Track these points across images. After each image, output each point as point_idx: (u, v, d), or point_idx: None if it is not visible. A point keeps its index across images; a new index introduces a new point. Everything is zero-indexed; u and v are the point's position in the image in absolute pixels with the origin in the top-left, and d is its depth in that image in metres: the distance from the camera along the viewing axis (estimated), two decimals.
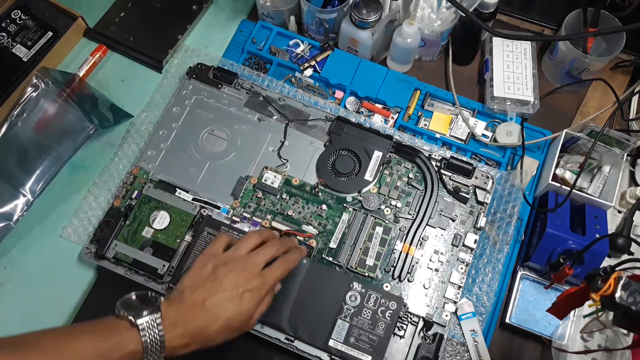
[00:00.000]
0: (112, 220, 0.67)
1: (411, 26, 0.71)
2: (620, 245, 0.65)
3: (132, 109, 0.76)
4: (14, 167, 0.68)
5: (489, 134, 0.74)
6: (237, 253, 0.56)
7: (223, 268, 0.53)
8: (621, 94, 0.76)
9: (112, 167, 0.72)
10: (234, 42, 0.81)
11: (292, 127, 0.72)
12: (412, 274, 0.65)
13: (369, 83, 0.76)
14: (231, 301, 0.51)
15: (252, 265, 0.54)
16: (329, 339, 0.60)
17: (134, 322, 0.47)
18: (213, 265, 0.54)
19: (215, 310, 0.51)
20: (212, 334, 0.51)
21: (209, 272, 0.53)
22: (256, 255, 0.55)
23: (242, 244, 0.56)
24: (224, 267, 0.54)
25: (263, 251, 0.56)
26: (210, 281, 0.52)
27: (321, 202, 0.68)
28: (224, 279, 0.52)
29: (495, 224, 0.69)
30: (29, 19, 0.78)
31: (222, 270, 0.53)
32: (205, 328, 0.50)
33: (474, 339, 0.63)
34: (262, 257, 0.55)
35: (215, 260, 0.55)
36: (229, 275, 0.53)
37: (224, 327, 0.51)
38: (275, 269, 0.55)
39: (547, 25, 0.83)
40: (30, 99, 0.70)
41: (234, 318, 0.51)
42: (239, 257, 0.55)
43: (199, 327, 0.50)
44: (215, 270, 0.53)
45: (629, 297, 0.42)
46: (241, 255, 0.55)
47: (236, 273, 0.53)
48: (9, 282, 0.68)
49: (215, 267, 0.54)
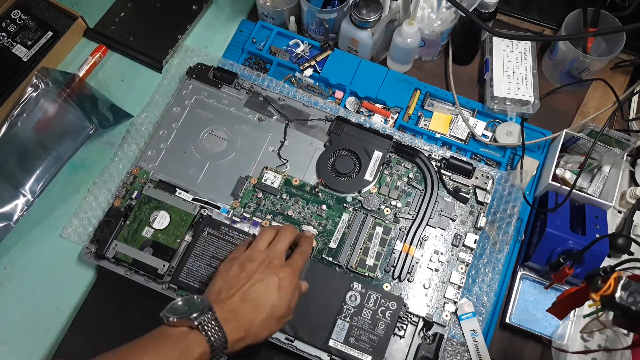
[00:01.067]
0: (112, 220, 0.67)
1: (411, 26, 0.71)
2: (620, 245, 0.65)
3: (132, 109, 0.76)
4: (14, 167, 0.68)
5: (489, 134, 0.74)
6: (257, 248, 0.57)
7: (250, 264, 0.55)
8: (621, 94, 0.76)
9: (112, 167, 0.72)
10: (234, 42, 0.81)
11: (292, 127, 0.72)
12: (412, 274, 0.65)
13: (369, 83, 0.76)
14: (271, 289, 0.53)
15: (276, 255, 0.56)
16: (329, 339, 0.60)
17: (194, 324, 0.47)
18: (239, 264, 0.55)
19: (259, 300, 0.52)
20: (262, 323, 0.51)
21: (238, 271, 0.54)
22: (276, 247, 0.57)
23: (259, 241, 0.58)
24: (251, 263, 0.55)
25: (280, 241, 0.58)
26: (244, 278, 0.54)
27: (321, 202, 0.68)
28: (255, 272, 0.54)
29: (495, 224, 0.69)
30: (29, 19, 0.78)
31: (251, 266, 0.55)
32: (254, 318, 0.51)
33: (474, 339, 0.63)
34: (282, 246, 0.58)
35: (239, 261, 0.56)
36: (260, 268, 0.54)
37: (271, 315, 0.52)
38: (297, 258, 0.58)
39: (547, 25, 0.83)
40: (30, 99, 0.70)
41: (278, 305, 0.53)
42: (260, 252, 0.57)
43: (249, 319, 0.51)
44: (243, 268, 0.55)
45: (629, 297, 0.42)
46: (262, 250, 0.57)
47: (265, 265, 0.55)
48: (9, 282, 0.68)
49: (242, 265, 0.55)
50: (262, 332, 0.52)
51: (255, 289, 0.52)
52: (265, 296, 0.52)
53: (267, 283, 0.53)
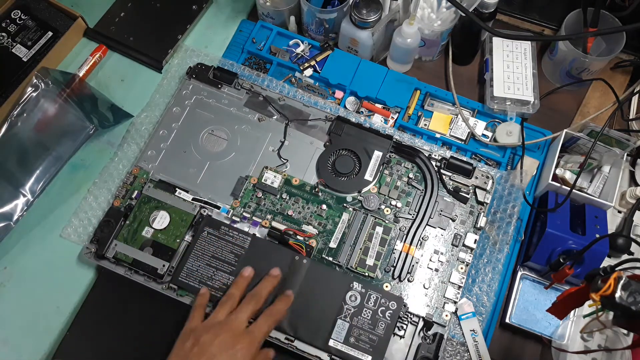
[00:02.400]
0: (112, 220, 0.67)
1: (411, 26, 0.71)
2: (620, 245, 0.65)
3: (132, 109, 0.76)
4: (14, 167, 0.68)
5: (489, 134, 0.74)
6: (216, 319, 0.54)
7: (205, 337, 0.52)
8: (621, 94, 0.76)
9: (112, 167, 0.72)
10: (234, 42, 0.81)
11: (292, 127, 0.72)
12: (412, 274, 0.65)
13: (369, 83, 0.76)
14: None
15: (234, 325, 0.53)
16: (329, 339, 0.60)
17: None
18: (194, 338, 0.52)
19: None
20: None
21: (191, 345, 0.51)
22: (235, 315, 0.54)
23: (218, 311, 0.55)
24: (206, 335, 0.52)
25: (242, 309, 0.54)
26: (196, 354, 0.50)
27: (321, 202, 0.68)
28: (209, 346, 0.51)
29: (495, 224, 0.69)
30: (29, 19, 0.78)
31: (205, 339, 0.51)
32: None
33: (474, 339, 0.63)
34: (242, 315, 0.54)
35: (195, 333, 0.53)
36: (214, 341, 0.51)
37: None
38: (260, 323, 0.54)
39: (547, 25, 0.83)
40: (30, 99, 0.70)
41: None
42: (218, 322, 0.53)
43: None
44: (197, 341, 0.51)
45: (629, 297, 0.42)
46: (220, 320, 0.54)
47: (221, 338, 0.51)
48: (9, 282, 0.68)
49: (197, 338, 0.52)
50: None
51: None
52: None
53: (220, 358, 0.50)
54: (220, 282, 0.63)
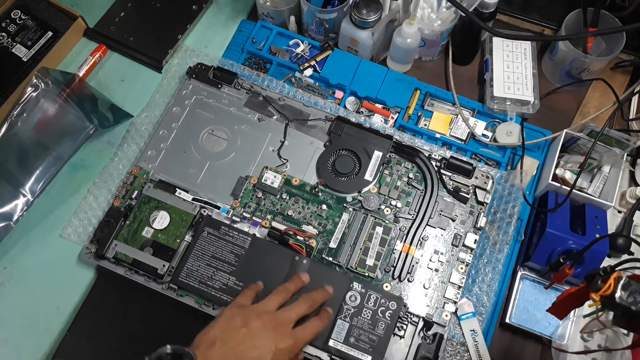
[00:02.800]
0: (112, 220, 0.67)
1: (411, 26, 0.71)
2: (620, 245, 0.65)
3: (132, 109, 0.76)
4: (14, 167, 0.68)
5: (489, 134, 0.74)
6: (267, 307, 0.55)
7: (255, 322, 0.52)
8: (621, 94, 0.76)
9: (112, 167, 0.72)
10: (234, 42, 0.81)
11: (292, 127, 0.72)
12: (412, 274, 0.65)
13: (369, 83, 0.76)
14: (265, 351, 0.50)
15: (284, 322, 0.53)
16: (329, 339, 0.60)
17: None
18: (243, 317, 0.53)
19: None
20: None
21: (240, 324, 0.52)
22: (287, 312, 0.54)
23: (272, 298, 0.56)
24: (256, 320, 0.52)
25: (295, 308, 0.55)
26: (243, 335, 0.51)
27: (321, 202, 0.68)
28: (256, 333, 0.51)
29: (495, 224, 0.69)
30: (29, 19, 0.78)
31: (254, 324, 0.52)
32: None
33: (474, 339, 0.63)
34: (293, 314, 0.55)
35: (245, 313, 0.53)
36: (262, 330, 0.52)
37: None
38: (307, 329, 0.55)
39: (547, 25, 0.83)
40: (30, 99, 0.70)
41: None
42: (269, 312, 0.54)
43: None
44: (246, 323, 0.52)
45: (629, 297, 0.42)
46: (271, 311, 0.54)
47: (269, 329, 0.52)
48: (9, 282, 0.68)
49: (246, 319, 0.52)
50: None
51: (249, 354, 0.50)
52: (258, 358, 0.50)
53: (263, 351, 0.50)
54: (220, 282, 0.62)
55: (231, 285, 0.62)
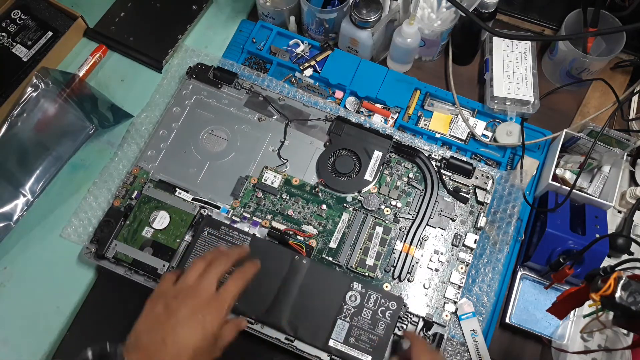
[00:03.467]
0: (112, 220, 0.67)
1: (411, 26, 0.71)
2: (620, 245, 0.65)
3: (132, 109, 0.76)
4: (14, 167, 0.68)
5: (489, 134, 0.74)
6: (185, 283, 0.53)
7: (174, 302, 0.51)
8: (621, 94, 0.76)
9: (112, 167, 0.72)
10: (234, 42, 0.81)
11: (292, 127, 0.72)
12: (412, 274, 0.65)
13: (369, 83, 0.76)
14: (192, 329, 0.49)
15: (203, 289, 0.52)
16: (329, 339, 0.60)
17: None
18: (164, 302, 0.52)
19: (178, 345, 0.48)
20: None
21: (161, 310, 0.51)
22: (204, 279, 0.53)
23: (188, 273, 0.54)
24: (175, 300, 0.51)
25: (211, 272, 0.53)
26: (164, 318, 0.50)
27: (321, 202, 0.68)
28: (177, 311, 0.50)
29: (495, 224, 0.69)
30: (29, 19, 0.78)
31: (174, 304, 0.51)
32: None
33: (474, 339, 0.63)
34: (211, 277, 0.53)
35: (165, 297, 0.52)
36: (182, 306, 0.50)
37: (192, 357, 0.48)
38: (229, 285, 0.53)
39: (547, 25, 0.83)
40: (30, 99, 0.70)
41: (200, 345, 0.49)
42: (188, 287, 0.53)
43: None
44: (167, 306, 0.51)
45: (629, 297, 0.42)
46: (190, 284, 0.53)
47: (189, 302, 0.51)
48: (9, 282, 0.68)
49: (167, 303, 0.51)
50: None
51: (177, 333, 0.48)
52: (187, 339, 0.48)
53: (190, 324, 0.49)
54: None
55: None
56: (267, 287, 0.62)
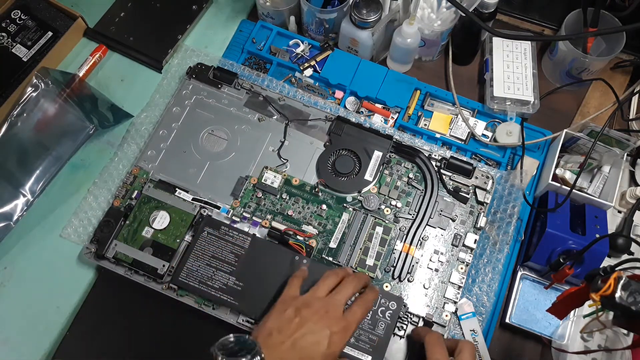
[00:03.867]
0: (112, 220, 0.67)
1: (411, 26, 0.71)
2: (620, 245, 0.65)
3: (132, 109, 0.76)
4: (14, 167, 0.68)
5: (489, 134, 0.74)
6: (317, 294, 0.56)
7: (306, 310, 0.54)
8: (621, 94, 0.76)
9: (112, 167, 0.72)
10: (234, 42, 0.81)
11: (292, 127, 0.72)
12: (412, 274, 0.65)
13: (369, 83, 0.76)
14: (320, 343, 0.52)
15: (334, 307, 0.55)
16: None
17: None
18: (295, 308, 0.54)
19: (306, 352, 0.51)
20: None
21: (293, 314, 0.54)
22: (336, 296, 0.56)
23: (321, 286, 0.57)
24: (307, 309, 0.54)
25: (342, 291, 0.56)
26: (296, 324, 0.53)
27: (321, 202, 0.68)
28: (309, 321, 0.53)
29: (495, 224, 0.69)
30: (29, 19, 0.78)
31: (306, 312, 0.53)
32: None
33: (474, 339, 0.63)
34: (342, 297, 0.56)
35: (296, 304, 0.55)
36: (314, 317, 0.53)
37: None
38: (356, 310, 0.56)
39: (547, 25, 0.83)
40: (30, 99, 0.70)
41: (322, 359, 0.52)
42: (319, 299, 0.55)
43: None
44: (299, 312, 0.54)
45: (629, 297, 0.42)
46: (321, 297, 0.56)
47: (321, 315, 0.53)
48: (9, 282, 0.68)
49: (298, 309, 0.54)
50: None
51: (305, 341, 0.51)
52: (314, 350, 0.51)
53: (319, 336, 0.52)
54: (220, 282, 0.62)
55: (231, 285, 0.62)
56: (267, 287, 0.62)
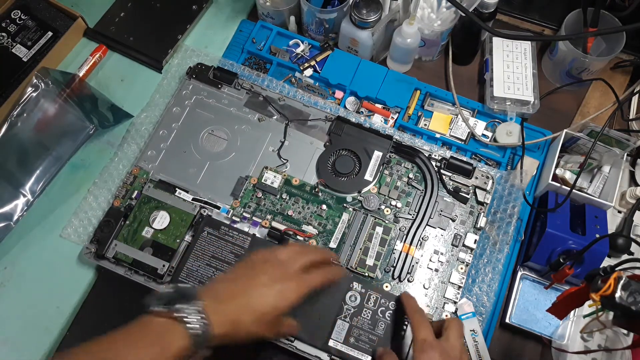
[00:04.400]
0: (112, 220, 0.67)
1: (411, 26, 0.71)
2: (620, 245, 0.65)
3: (132, 109, 0.76)
4: (14, 167, 0.68)
5: (489, 134, 0.74)
6: (277, 256, 0.56)
7: (263, 265, 0.54)
8: (621, 94, 0.76)
9: (112, 167, 0.72)
10: (234, 42, 0.81)
11: (292, 127, 0.72)
12: (412, 274, 0.65)
13: (369, 83, 0.76)
14: (267, 295, 0.51)
15: (291, 267, 0.54)
16: (329, 339, 0.60)
17: (178, 316, 0.46)
18: (252, 262, 0.55)
19: (251, 301, 0.51)
20: (248, 324, 0.50)
21: (249, 269, 0.54)
22: (295, 258, 0.55)
23: (284, 250, 0.57)
24: (264, 264, 0.54)
25: (303, 256, 0.56)
26: (248, 276, 0.53)
27: (321, 202, 0.68)
28: (261, 273, 0.53)
29: (495, 224, 0.69)
30: (29, 19, 0.78)
31: (262, 267, 0.54)
32: (242, 317, 0.50)
33: (474, 339, 0.63)
34: (301, 259, 0.55)
35: (254, 259, 0.55)
36: (267, 270, 0.53)
37: (258, 319, 0.50)
38: (315, 275, 0.55)
39: (547, 25, 0.83)
40: (30, 99, 0.70)
41: (268, 312, 0.51)
42: (278, 259, 0.55)
43: (236, 316, 0.50)
44: (254, 267, 0.54)
45: (629, 297, 0.42)
46: (281, 258, 0.56)
47: (275, 271, 0.53)
48: (9, 282, 0.68)
49: (255, 264, 0.54)
50: (247, 333, 0.50)
51: (252, 290, 0.51)
52: (260, 300, 0.51)
53: (268, 289, 0.51)
54: None
55: None
56: None
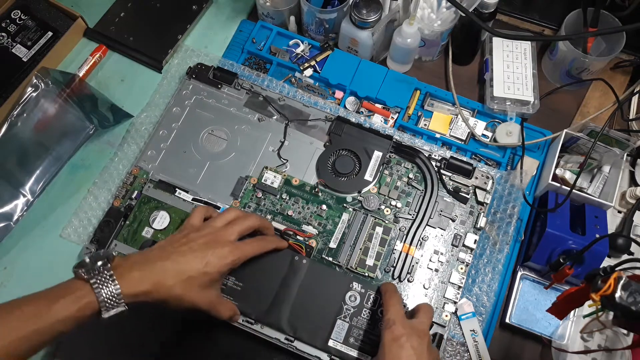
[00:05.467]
0: (112, 220, 0.67)
1: (411, 26, 0.71)
2: (620, 245, 0.65)
3: (132, 109, 0.76)
4: (14, 167, 0.68)
5: (489, 134, 0.74)
6: (212, 225, 0.57)
7: (195, 234, 0.55)
8: (621, 94, 0.76)
9: (112, 167, 0.72)
10: (234, 42, 0.81)
11: (292, 127, 0.72)
12: (412, 274, 0.65)
13: (369, 83, 0.76)
14: (196, 259, 0.53)
15: (224, 234, 0.56)
16: (329, 339, 0.60)
17: (86, 277, 0.48)
18: (186, 231, 0.56)
19: (179, 265, 0.52)
20: (173, 286, 0.51)
21: (181, 236, 0.55)
22: (230, 227, 0.57)
23: (219, 217, 0.58)
24: (196, 233, 0.56)
25: (238, 223, 0.57)
26: (180, 243, 0.54)
27: (321, 202, 0.68)
28: (193, 241, 0.54)
29: (495, 224, 0.69)
30: (29, 19, 0.78)
31: (194, 235, 0.55)
32: (166, 278, 0.51)
33: (474, 339, 0.63)
34: (237, 227, 0.57)
35: (188, 229, 0.57)
36: (200, 240, 0.55)
37: (184, 281, 0.51)
38: (249, 243, 0.57)
39: (547, 25, 0.83)
40: (30, 99, 0.70)
41: (196, 276, 0.52)
42: (213, 227, 0.57)
43: (159, 277, 0.51)
44: (187, 235, 0.55)
45: (629, 297, 0.42)
46: (216, 226, 0.57)
47: (207, 239, 0.55)
48: (9, 282, 0.68)
49: (188, 232, 0.56)
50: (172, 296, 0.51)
51: (182, 256, 0.53)
52: (188, 264, 0.52)
53: (198, 254, 0.53)
54: None
55: (230, 285, 0.62)
56: (267, 287, 0.62)
